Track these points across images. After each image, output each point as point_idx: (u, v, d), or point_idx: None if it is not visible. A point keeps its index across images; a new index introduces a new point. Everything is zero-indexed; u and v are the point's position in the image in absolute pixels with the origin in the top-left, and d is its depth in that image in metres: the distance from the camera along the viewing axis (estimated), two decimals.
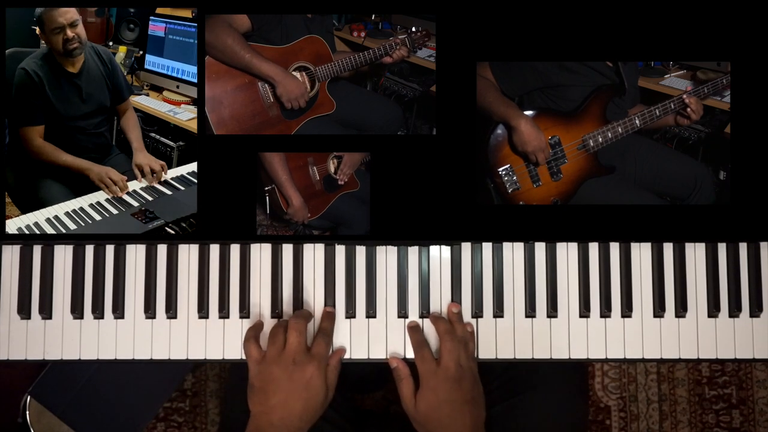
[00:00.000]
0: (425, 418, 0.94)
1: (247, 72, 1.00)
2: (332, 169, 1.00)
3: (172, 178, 1.06)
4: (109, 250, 1.01)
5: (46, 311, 1.00)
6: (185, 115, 1.06)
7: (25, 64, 1.01)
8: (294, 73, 1.02)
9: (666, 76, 1.02)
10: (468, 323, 0.99)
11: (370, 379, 1.40)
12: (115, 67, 1.07)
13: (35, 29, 1.01)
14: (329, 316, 0.99)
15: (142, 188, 1.05)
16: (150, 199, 1.04)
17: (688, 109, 1.00)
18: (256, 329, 0.98)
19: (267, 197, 0.99)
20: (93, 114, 1.06)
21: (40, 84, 1.01)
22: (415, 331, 0.99)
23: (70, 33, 1.01)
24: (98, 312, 1.00)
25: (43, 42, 1.02)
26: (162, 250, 1.01)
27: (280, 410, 0.93)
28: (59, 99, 1.03)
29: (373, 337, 1.00)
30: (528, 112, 1.01)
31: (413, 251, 1.01)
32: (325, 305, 1.00)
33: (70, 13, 1.01)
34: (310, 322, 0.99)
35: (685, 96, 1.00)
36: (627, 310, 1.00)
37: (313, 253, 1.01)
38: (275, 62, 1.00)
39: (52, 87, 1.02)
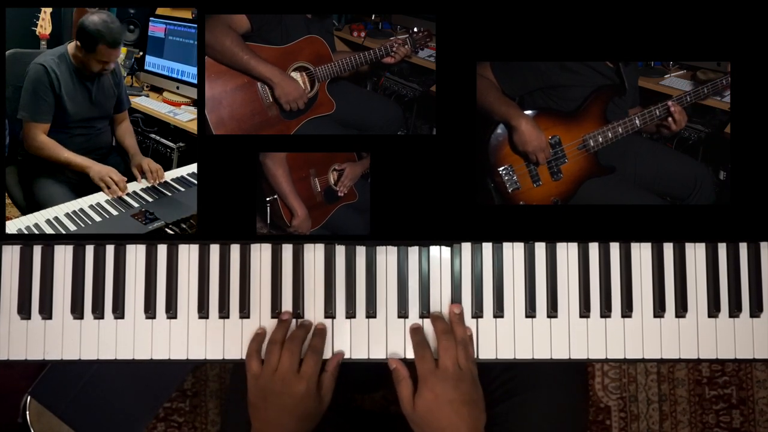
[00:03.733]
0: (423, 420, 0.94)
1: (245, 73, 1.00)
2: (333, 181, 1.01)
3: (172, 179, 1.06)
4: (109, 250, 1.01)
5: (46, 311, 1.00)
6: (185, 116, 1.06)
7: (43, 60, 1.01)
8: (294, 73, 1.02)
9: (666, 76, 1.02)
10: (467, 327, 0.99)
11: (370, 379, 1.40)
12: (122, 78, 1.08)
13: (77, 43, 1.02)
14: (321, 333, 0.99)
15: (142, 189, 1.05)
16: (150, 200, 1.04)
17: (670, 119, 1.00)
18: (258, 342, 0.98)
19: (269, 208, 1.00)
20: (98, 119, 1.06)
21: (56, 82, 1.01)
22: (416, 332, 0.99)
23: (109, 66, 1.04)
24: (98, 312, 1.00)
25: (43, 43, 1.02)
26: (162, 250, 1.01)
27: (274, 426, 0.95)
28: (70, 99, 1.03)
29: (373, 338, 1.00)
30: (528, 112, 1.01)
31: (413, 251, 1.01)
32: (326, 306, 1.00)
33: (118, 54, 1.05)
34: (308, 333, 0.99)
35: (671, 103, 1.00)
36: (627, 310, 1.00)
37: (313, 253, 1.01)
38: (275, 63, 1.00)
39: (66, 87, 1.02)
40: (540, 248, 1.01)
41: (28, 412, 1.30)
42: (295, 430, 0.95)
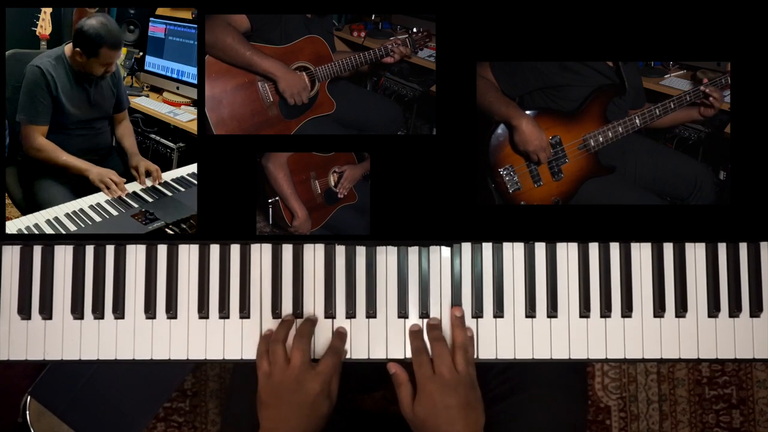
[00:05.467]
0: (423, 424, 0.94)
1: (248, 70, 1.00)
2: (333, 183, 1.01)
3: (172, 180, 1.06)
4: (110, 250, 1.01)
5: (47, 311, 1.00)
6: (185, 117, 1.06)
7: (40, 62, 1.01)
8: None
9: (666, 76, 1.02)
10: (468, 328, 0.99)
11: (370, 379, 1.40)
12: (121, 78, 1.08)
13: (77, 49, 1.01)
14: (341, 337, 0.99)
15: (142, 190, 1.05)
16: (150, 200, 1.04)
17: (711, 98, 0.99)
18: (267, 342, 0.98)
19: (270, 209, 1.00)
20: (96, 119, 1.06)
21: (53, 84, 1.01)
22: (415, 336, 0.99)
23: (111, 68, 1.04)
24: (98, 312, 1.00)
25: (43, 43, 1.02)
26: (162, 250, 1.01)
27: (285, 426, 0.94)
28: (68, 101, 1.03)
29: (373, 338, 1.00)
30: (528, 112, 1.01)
31: (413, 251, 1.01)
32: (326, 306, 1.00)
33: (120, 54, 1.05)
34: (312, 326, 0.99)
35: (703, 87, 1.00)
36: (627, 310, 1.00)
37: (313, 253, 1.01)
38: None
39: (63, 89, 1.02)
40: (540, 248, 1.01)
41: (28, 412, 1.30)
42: (305, 431, 0.95)
